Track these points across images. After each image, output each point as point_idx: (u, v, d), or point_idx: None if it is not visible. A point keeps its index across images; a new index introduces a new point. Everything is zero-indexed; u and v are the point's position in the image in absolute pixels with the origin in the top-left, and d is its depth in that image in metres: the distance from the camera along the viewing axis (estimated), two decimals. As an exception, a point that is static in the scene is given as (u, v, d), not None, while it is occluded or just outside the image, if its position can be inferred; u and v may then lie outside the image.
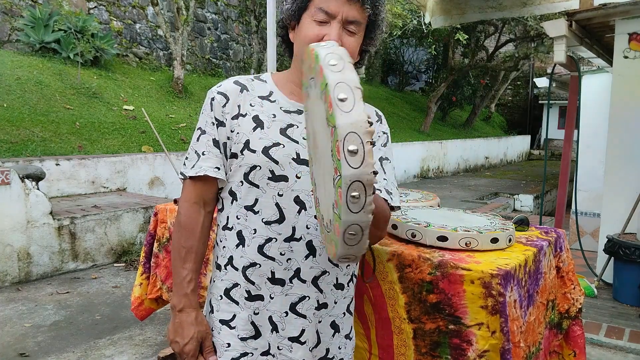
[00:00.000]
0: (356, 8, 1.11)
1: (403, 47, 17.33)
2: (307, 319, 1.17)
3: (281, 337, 1.17)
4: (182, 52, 8.74)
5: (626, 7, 3.59)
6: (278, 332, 1.17)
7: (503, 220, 1.76)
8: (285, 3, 1.16)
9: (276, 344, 1.17)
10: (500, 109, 22.14)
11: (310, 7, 1.12)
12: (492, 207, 8.02)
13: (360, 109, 0.77)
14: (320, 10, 1.10)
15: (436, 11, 4.83)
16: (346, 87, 0.79)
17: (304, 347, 1.18)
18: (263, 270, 1.15)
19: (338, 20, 1.10)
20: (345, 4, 1.10)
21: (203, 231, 1.20)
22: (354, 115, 0.76)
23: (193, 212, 1.18)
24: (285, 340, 1.17)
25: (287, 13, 1.16)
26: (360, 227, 0.80)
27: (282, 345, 1.17)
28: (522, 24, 12.99)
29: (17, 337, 3.13)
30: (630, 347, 2.86)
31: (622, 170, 3.88)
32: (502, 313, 1.33)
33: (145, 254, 2.50)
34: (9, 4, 7.97)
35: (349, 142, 0.75)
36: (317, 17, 1.11)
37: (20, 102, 6.30)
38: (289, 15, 1.16)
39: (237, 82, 1.20)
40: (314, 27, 1.11)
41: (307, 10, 1.13)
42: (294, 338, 1.17)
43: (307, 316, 1.17)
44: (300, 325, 1.17)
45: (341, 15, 1.10)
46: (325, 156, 0.87)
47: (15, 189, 4.01)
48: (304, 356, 1.18)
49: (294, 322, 1.17)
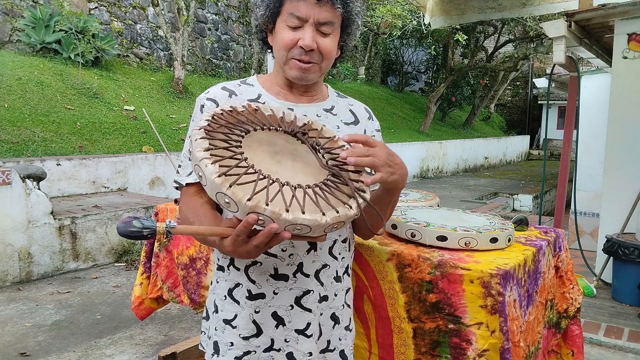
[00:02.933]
0: (327, 9, 1.13)
1: (403, 48, 17.34)
2: (312, 313, 1.19)
3: (288, 329, 1.18)
4: (182, 52, 8.75)
5: (625, 7, 3.59)
6: (285, 325, 1.18)
7: (502, 220, 1.77)
8: (259, 10, 1.19)
9: (282, 337, 1.18)
10: (499, 109, 22.16)
11: (282, 12, 1.15)
12: (492, 207, 8.03)
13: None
14: (291, 16, 1.13)
15: (436, 12, 4.84)
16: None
17: (310, 340, 1.19)
18: (264, 268, 1.16)
19: (310, 24, 1.13)
20: (315, 7, 1.12)
21: (207, 202, 1.16)
22: None
23: (193, 199, 1.17)
24: (292, 333, 1.18)
25: (262, 19, 1.19)
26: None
27: (289, 337, 1.19)
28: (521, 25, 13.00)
29: (18, 336, 3.14)
30: (630, 346, 2.86)
31: (621, 170, 3.89)
32: (501, 312, 1.34)
33: (145, 254, 2.51)
34: (9, 4, 7.97)
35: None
36: (289, 23, 1.14)
37: (21, 102, 6.31)
38: (264, 21, 1.19)
39: (225, 87, 1.23)
40: (288, 33, 1.14)
41: (280, 15, 1.16)
42: (300, 331, 1.19)
43: (311, 309, 1.19)
44: (305, 318, 1.19)
45: (313, 18, 1.13)
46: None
47: (16, 189, 4.02)
48: (310, 349, 1.19)
49: (300, 315, 1.18)
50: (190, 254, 2.28)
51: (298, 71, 1.17)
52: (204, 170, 0.90)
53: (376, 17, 11.71)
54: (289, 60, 1.17)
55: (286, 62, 1.18)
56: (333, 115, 1.27)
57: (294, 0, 1.12)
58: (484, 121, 19.79)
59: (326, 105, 1.28)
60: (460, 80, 15.49)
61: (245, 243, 0.94)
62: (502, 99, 21.37)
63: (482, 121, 19.66)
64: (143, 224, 0.89)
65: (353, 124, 1.30)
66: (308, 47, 1.14)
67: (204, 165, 0.90)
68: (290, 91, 1.25)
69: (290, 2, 1.13)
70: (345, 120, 1.29)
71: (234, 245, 0.94)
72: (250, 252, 0.95)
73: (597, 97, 5.48)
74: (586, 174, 5.51)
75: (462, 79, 15.56)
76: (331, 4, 1.13)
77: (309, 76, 1.19)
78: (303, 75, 1.18)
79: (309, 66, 1.17)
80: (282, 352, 1.19)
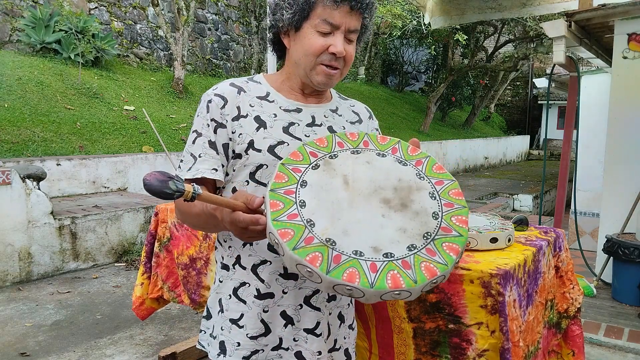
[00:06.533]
0: (356, 17, 1.15)
1: (403, 48, 17.32)
2: (321, 312, 1.20)
3: (297, 329, 1.19)
4: (182, 52, 8.75)
5: (625, 7, 3.59)
6: (294, 324, 1.18)
7: (502, 220, 1.77)
8: (285, 12, 1.17)
9: (291, 337, 1.19)
10: (499, 109, 22.15)
11: (312, 17, 1.14)
12: (492, 207, 8.02)
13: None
14: (324, 22, 1.13)
15: (436, 12, 4.85)
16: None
17: (319, 339, 1.20)
18: (274, 267, 1.17)
19: (342, 31, 1.14)
20: (348, 15, 1.13)
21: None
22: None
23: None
24: (300, 332, 1.19)
25: (287, 21, 1.17)
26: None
27: (298, 336, 1.19)
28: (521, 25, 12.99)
29: (18, 336, 3.14)
30: (630, 346, 2.86)
31: (621, 170, 3.89)
32: (501, 312, 1.34)
33: (146, 254, 2.51)
34: (9, 4, 7.97)
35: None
36: (321, 29, 1.13)
37: (21, 102, 6.31)
38: (289, 23, 1.17)
39: (233, 84, 1.22)
40: (319, 39, 1.14)
41: (308, 19, 1.15)
42: (310, 330, 1.19)
43: (320, 309, 1.20)
44: (315, 317, 1.19)
45: (344, 26, 1.14)
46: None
47: (16, 189, 4.02)
48: (320, 348, 1.20)
49: (309, 314, 1.19)
50: (190, 254, 2.28)
51: (325, 77, 1.17)
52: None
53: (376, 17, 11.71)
54: (317, 65, 1.16)
55: (313, 67, 1.17)
56: (339, 116, 1.28)
57: (328, 7, 1.12)
58: (484, 121, 19.79)
59: (332, 107, 1.29)
60: (460, 80, 15.48)
61: (244, 230, 0.99)
62: (502, 99, 21.36)
63: (482, 121, 19.65)
64: (177, 187, 0.88)
65: (358, 122, 1.32)
66: (341, 54, 1.14)
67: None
68: (302, 93, 1.25)
69: (324, 9, 1.12)
70: (350, 119, 1.31)
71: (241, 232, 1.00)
72: (252, 237, 1.01)
73: (597, 97, 5.47)
74: (586, 174, 5.51)
75: (462, 79, 15.55)
76: (360, 12, 1.15)
77: (333, 82, 1.20)
78: (328, 81, 1.19)
79: (335, 72, 1.18)
80: (291, 351, 1.19)
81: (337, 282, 0.85)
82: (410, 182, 1.03)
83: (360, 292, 0.85)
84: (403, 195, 1.00)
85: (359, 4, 1.13)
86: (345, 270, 0.86)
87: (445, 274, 0.90)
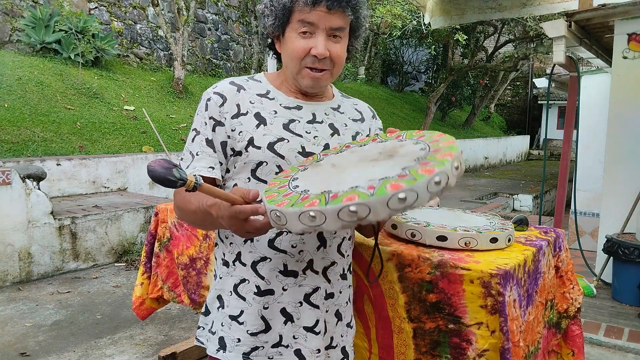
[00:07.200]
0: (338, 16, 1.13)
1: (403, 48, 17.32)
2: (320, 310, 1.20)
3: (296, 326, 1.19)
4: (182, 52, 8.75)
5: (625, 7, 3.59)
6: (293, 322, 1.19)
7: (502, 220, 1.77)
8: (268, 19, 1.18)
9: (291, 334, 1.19)
10: (499, 109, 22.15)
11: (292, 21, 1.14)
12: (492, 207, 8.03)
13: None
14: (302, 22, 1.12)
15: (436, 12, 4.85)
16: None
17: (318, 337, 1.20)
18: (274, 264, 1.17)
19: (322, 30, 1.13)
20: (327, 15, 1.12)
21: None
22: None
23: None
24: (300, 330, 1.19)
25: (271, 28, 1.18)
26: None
27: (297, 334, 1.19)
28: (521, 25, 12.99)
29: (18, 336, 3.14)
30: (630, 346, 2.86)
31: (621, 170, 3.89)
32: (501, 312, 1.34)
33: (146, 254, 2.51)
34: (9, 4, 7.97)
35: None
36: (300, 29, 1.13)
37: (21, 102, 6.31)
38: (272, 30, 1.18)
39: (233, 82, 1.22)
40: (300, 41, 1.14)
41: (289, 24, 1.15)
42: (309, 328, 1.20)
43: (319, 306, 1.20)
44: (314, 315, 1.20)
45: (324, 25, 1.13)
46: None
47: (16, 189, 4.02)
48: (318, 346, 1.20)
49: (309, 312, 1.19)
50: (190, 254, 2.28)
51: (311, 80, 1.18)
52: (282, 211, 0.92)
53: (376, 17, 11.71)
54: (302, 69, 1.17)
55: (299, 71, 1.17)
56: (340, 114, 1.29)
57: (305, 10, 1.12)
58: (484, 121, 19.78)
59: (333, 104, 1.29)
60: (460, 80, 15.48)
61: (244, 222, 0.98)
62: (502, 99, 21.36)
63: (482, 121, 19.64)
64: (181, 175, 0.89)
65: (360, 120, 1.32)
66: (322, 56, 1.14)
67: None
68: (301, 93, 1.25)
69: (301, 12, 1.12)
70: (352, 117, 1.31)
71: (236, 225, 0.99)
72: (251, 233, 1.00)
73: (597, 97, 5.47)
74: (586, 174, 5.51)
75: (462, 79, 15.55)
76: (342, 10, 1.13)
77: (322, 84, 1.20)
78: (316, 84, 1.19)
79: (321, 74, 1.17)
80: (290, 349, 1.19)
81: (338, 207, 0.85)
82: (394, 144, 1.09)
83: (365, 208, 0.85)
84: (389, 151, 1.05)
85: (336, 3, 1.11)
86: (344, 197, 0.87)
87: (446, 172, 0.89)
